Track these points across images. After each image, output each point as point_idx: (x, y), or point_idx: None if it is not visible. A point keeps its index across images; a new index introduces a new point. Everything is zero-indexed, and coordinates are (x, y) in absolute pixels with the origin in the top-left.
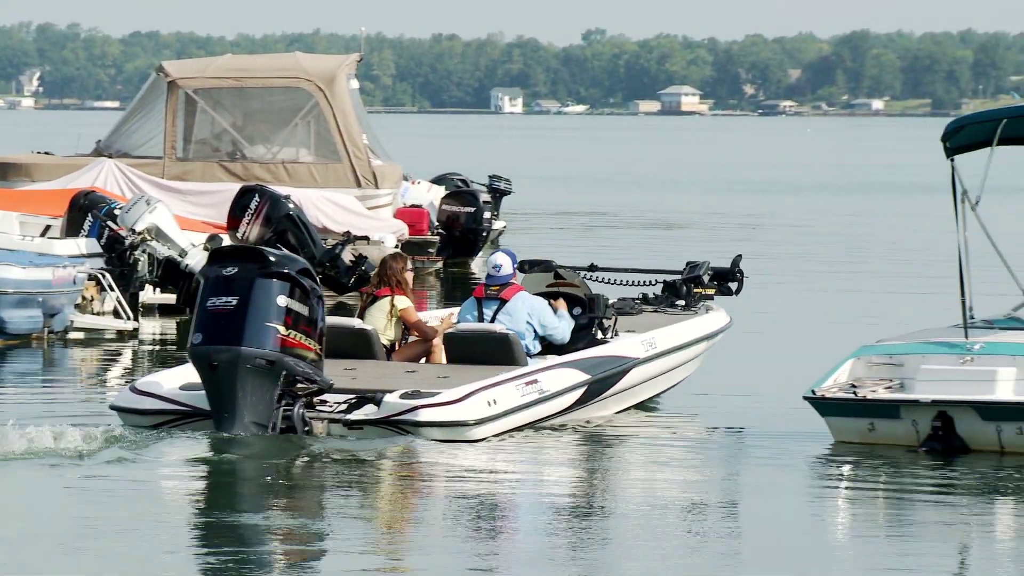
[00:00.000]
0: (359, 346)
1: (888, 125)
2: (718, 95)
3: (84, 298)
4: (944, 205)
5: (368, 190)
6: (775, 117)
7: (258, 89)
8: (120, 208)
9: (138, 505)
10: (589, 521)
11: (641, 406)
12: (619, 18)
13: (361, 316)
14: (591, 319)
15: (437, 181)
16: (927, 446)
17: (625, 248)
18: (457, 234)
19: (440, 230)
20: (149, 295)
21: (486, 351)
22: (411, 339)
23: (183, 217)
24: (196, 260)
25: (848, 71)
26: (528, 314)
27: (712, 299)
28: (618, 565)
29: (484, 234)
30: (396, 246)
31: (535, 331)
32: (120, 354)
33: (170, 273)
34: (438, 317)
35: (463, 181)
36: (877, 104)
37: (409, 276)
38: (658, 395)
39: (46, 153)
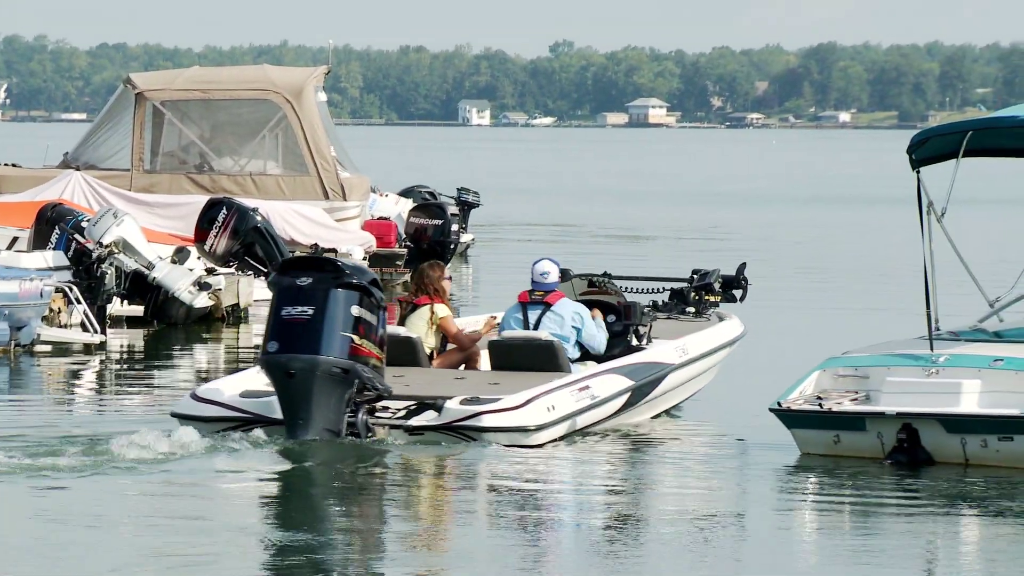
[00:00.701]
0: (404, 353)
1: (855, 137)
2: (685, 107)
3: (51, 311)
4: (910, 217)
5: (336, 202)
6: (742, 129)
7: (226, 101)
8: (87, 220)
9: (205, 510)
10: (567, 532)
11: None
12: (587, 30)
13: (401, 324)
14: (626, 326)
15: (405, 193)
16: (892, 458)
17: (594, 259)
18: (425, 246)
19: (408, 242)
20: (116, 308)
21: (531, 358)
22: (450, 346)
23: (150, 230)
24: (163, 273)
25: (815, 83)
26: (572, 318)
27: (718, 306)
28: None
29: (452, 247)
30: (364, 258)
31: (577, 337)
32: (87, 367)
33: (137, 286)
34: (481, 320)
35: (431, 193)
36: (844, 116)
37: (447, 284)
38: (684, 400)
39: (13, 165)
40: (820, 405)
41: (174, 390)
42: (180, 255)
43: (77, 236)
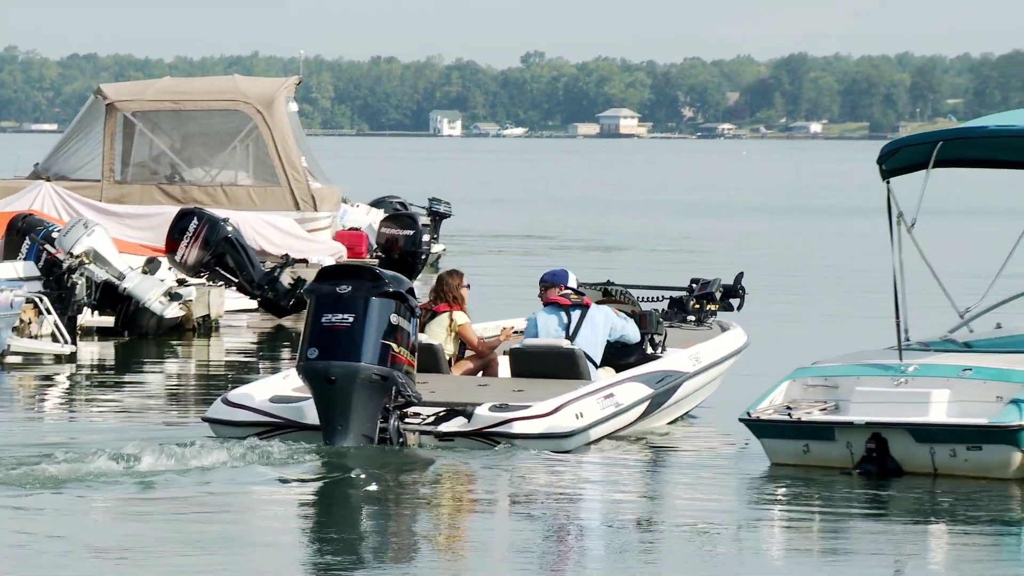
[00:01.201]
0: (426, 360)
1: (826, 148)
2: (657, 118)
3: (21, 321)
4: (880, 227)
5: (307, 213)
6: (713, 140)
7: (197, 112)
8: (58, 231)
9: (238, 518)
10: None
11: None
12: (558, 41)
13: (420, 331)
14: (642, 334)
15: (376, 204)
16: (861, 468)
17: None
18: (396, 257)
19: (379, 253)
20: (87, 318)
21: (552, 366)
22: (468, 353)
23: (121, 240)
24: (134, 283)
25: (786, 94)
26: (607, 321)
27: (716, 314)
28: None
29: (423, 257)
30: None
31: (609, 337)
32: (58, 378)
33: (108, 296)
34: (496, 328)
35: (402, 204)
36: (815, 127)
37: (465, 292)
38: (694, 408)
39: None
40: (789, 415)
41: (145, 400)
42: (151, 266)
43: (47, 247)
